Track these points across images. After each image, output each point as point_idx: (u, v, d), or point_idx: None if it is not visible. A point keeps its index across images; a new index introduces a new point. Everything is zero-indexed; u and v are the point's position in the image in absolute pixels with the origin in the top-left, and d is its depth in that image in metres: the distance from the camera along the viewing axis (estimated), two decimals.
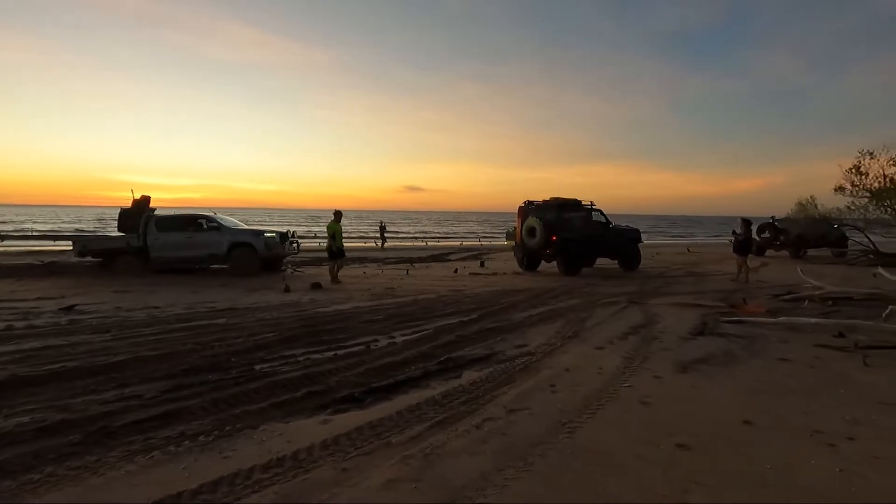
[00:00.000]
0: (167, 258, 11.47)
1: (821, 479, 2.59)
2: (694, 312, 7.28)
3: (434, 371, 4.40)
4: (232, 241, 11.54)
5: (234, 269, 11.43)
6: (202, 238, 11.57)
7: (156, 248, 11.38)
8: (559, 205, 12.58)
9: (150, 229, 11.43)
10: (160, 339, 5.46)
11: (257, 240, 11.65)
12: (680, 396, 3.84)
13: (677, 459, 2.81)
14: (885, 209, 16.07)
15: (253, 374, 4.22)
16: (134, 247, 11.38)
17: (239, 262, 11.43)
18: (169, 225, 11.65)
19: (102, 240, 12.41)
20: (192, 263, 11.78)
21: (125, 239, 11.49)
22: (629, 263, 13.18)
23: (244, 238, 11.71)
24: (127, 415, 3.34)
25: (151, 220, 11.57)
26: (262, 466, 2.65)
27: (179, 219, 11.95)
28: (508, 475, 2.59)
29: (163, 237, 11.45)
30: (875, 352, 4.96)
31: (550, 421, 3.31)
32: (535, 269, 13.09)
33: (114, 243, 11.72)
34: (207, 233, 11.63)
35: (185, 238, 11.53)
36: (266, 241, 11.67)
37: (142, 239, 11.38)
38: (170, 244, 11.45)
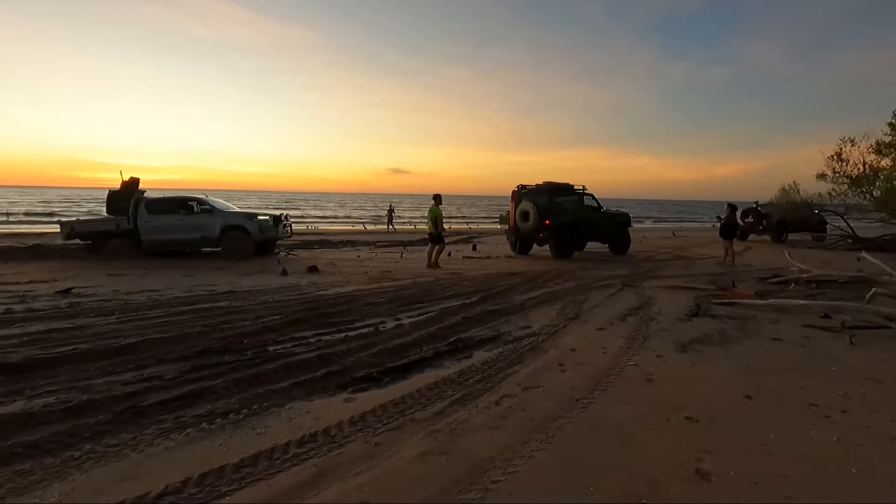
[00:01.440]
0: (158, 241, 11.31)
1: (821, 447, 2.80)
2: (686, 295, 7.52)
3: (445, 351, 4.53)
4: (225, 224, 11.43)
5: (227, 252, 11.32)
6: (194, 221, 11.41)
7: (146, 231, 11.20)
8: (551, 189, 12.62)
9: (141, 211, 11.19)
10: (167, 321, 5.48)
11: (251, 223, 11.59)
12: (682, 374, 4.04)
13: (687, 431, 2.99)
14: (864, 195, 16.58)
15: (268, 356, 4.29)
16: (124, 229, 11.16)
17: (232, 245, 11.36)
18: (159, 207, 11.46)
19: (91, 222, 12.10)
20: (184, 246, 11.62)
21: (114, 221, 11.27)
22: (619, 247, 13.48)
23: (237, 221, 11.62)
24: (151, 395, 3.40)
25: (141, 202, 11.34)
26: (296, 442, 2.75)
27: (170, 201, 11.76)
28: (533, 447, 2.74)
29: (154, 220, 11.26)
30: (860, 332, 5.24)
31: (564, 397, 3.47)
32: (527, 253, 13.27)
33: (103, 226, 11.45)
34: (199, 215, 11.47)
35: (177, 221, 11.38)
36: (260, 223, 11.61)
37: (132, 221, 11.20)
38: (161, 227, 11.29)
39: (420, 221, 30.22)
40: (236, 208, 12.99)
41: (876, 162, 16.16)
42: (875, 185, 16.19)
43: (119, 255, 11.02)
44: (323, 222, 34.31)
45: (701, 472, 2.51)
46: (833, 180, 17.14)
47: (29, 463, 2.52)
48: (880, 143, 15.44)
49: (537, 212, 11.93)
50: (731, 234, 11.76)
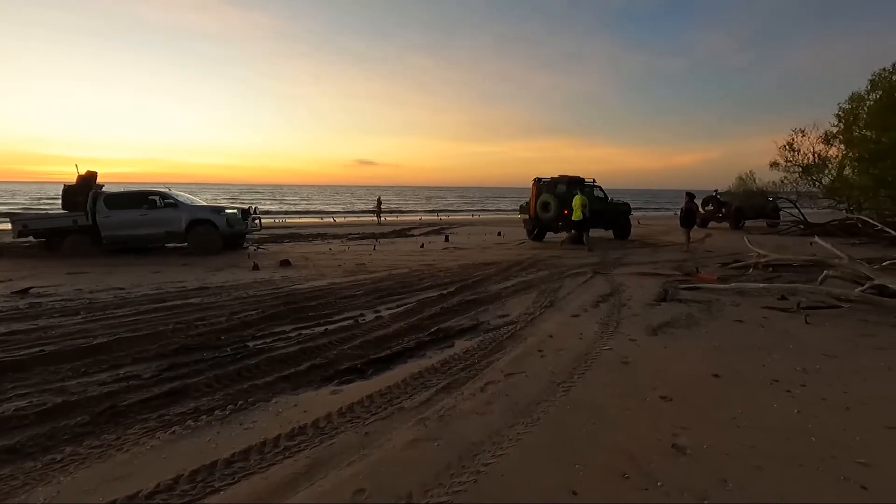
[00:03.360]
0: (119, 237, 10.94)
1: (783, 419, 3.01)
2: (654, 281, 7.82)
3: (427, 341, 4.59)
4: (191, 219, 11.14)
5: (195, 247, 11.06)
6: (158, 215, 11.06)
7: (107, 227, 10.82)
8: (568, 182, 13.80)
9: (100, 207, 10.80)
10: (137, 319, 5.33)
11: (218, 216, 11.31)
12: (655, 356, 4.23)
13: (662, 409, 3.16)
14: (814, 183, 17.52)
15: (249, 351, 4.25)
16: (82, 225, 10.74)
17: (199, 240, 11.08)
18: (120, 202, 11.06)
19: (46, 218, 11.37)
20: (148, 242, 11.28)
21: (71, 217, 10.80)
22: (622, 233, 14.73)
23: (204, 215, 11.31)
24: (130, 394, 3.33)
25: (100, 196, 10.94)
26: (286, 435, 2.76)
27: (131, 195, 11.32)
28: (519, 430, 2.84)
29: (114, 215, 10.87)
30: (814, 312, 5.60)
31: (545, 382, 3.59)
32: (542, 240, 14.37)
33: (59, 222, 10.94)
34: (163, 210, 11.12)
35: (139, 216, 10.99)
36: (228, 217, 11.36)
37: (90, 217, 10.75)
38: (122, 222, 10.90)
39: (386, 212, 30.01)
40: (202, 202, 12.63)
41: (824, 151, 17.09)
42: (824, 174, 17.12)
43: (78, 252, 10.59)
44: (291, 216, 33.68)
45: (677, 446, 2.67)
46: (785, 169, 18.06)
47: (8, 468, 2.44)
48: (828, 133, 16.32)
49: (557, 202, 13.17)
50: (691, 221, 12.27)
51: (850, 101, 13.82)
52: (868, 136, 13.15)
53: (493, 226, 21.69)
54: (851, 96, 13.78)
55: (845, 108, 13.99)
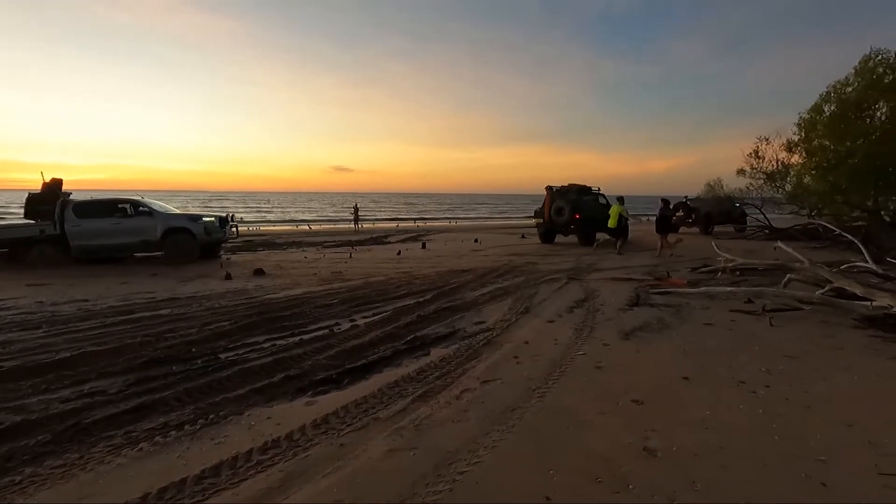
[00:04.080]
0: (90, 246, 10.54)
1: (749, 419, 3.11)
2: (626, 286, 7.98)
3: (403, 350, 4.58)
4: (167, 227, 10.89)
5: (171, 256, 10.83)
6: (132, 224, 10.76)
7: (76, 236, 10.41)
8: (578, 190, 15.33)
9: (68, 215, 10.39)
10: (102, 332, 5.15)
11: (195, 225, 11.09)
12: (627, 360, 4.32)
13: (634, 412, 3.23)
14: (777, 189, 18.14)
15: (220, 363, 4.16)
16: (49, 235, 10.31)
17: (176, 249, 10.85)
18: (90, 211, 10.69)
19: (8, 228, 10.84)
20: (121, 252, 10.94)
21: (38, 227, 10.35)
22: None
23: (180, 223, 11.09)
24: (95, 411, 3.22)
25: (68, 205, 10.51)
26: (259, 448, 2.72)
27: (102, 203, 11.00)
28: (495, 437, 2.86)
29: (84, 224, 10.48)
30: (778, 314, 5.81)
31: (521, 388, 3.63)
32: (552, 242, 15.85)
33: (23, 232, 10.44)
34: (137, 218, 10.85)
35: (112, 224, 10.66)
36: (205, 225, 11.15)
37: (58, 226, 10.35)
38: (93, 231, 10.51)
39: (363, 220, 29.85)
40: (175, 210, 12.34)
41: (787, 159, 17.73)
42: (787, 180, 17.75)
43: (44, 263, 10.18)
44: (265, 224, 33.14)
45: (648, 449, 2.73)
46: (751, 176, 18.63)
47: None
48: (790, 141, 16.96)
49: (570, 208, 14.58)
50: (666, 227, 12.56)
51: (809, 111, 14.43)
52: (825, 145, 13.75)
53: (470, 232, 21.80)
54: (810, 107, 14.40)
55: (805, 118, 14.61)
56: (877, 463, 2.57)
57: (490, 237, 18.82)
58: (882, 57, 12.56)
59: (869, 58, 12.76)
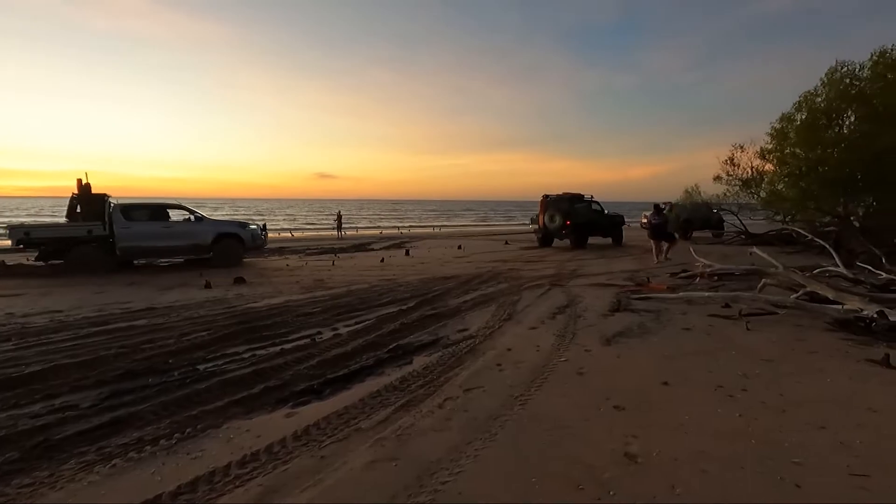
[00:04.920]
0: (138, 248, 10.74)
1: (726, 423, 3.16)
2: (608, 291, 8.08)
3: (386, 359, 4.55)
4: (218, 232, 11.34)
5: (219, 260, 11.26)
6: (183, 228, 11.12)
7: (125, 238, 10.47)
8: (570, 198, 16.67)
9: (116, 217, 10.44)
10: (76, 344, 5.01)
11: (244, 231, 11.69)
12: (609, 366, 4.36)
13: (615, 418, 3.25)
14: (753, 195, 18.62)
15: (199, 375, 4.08)
16: (97, 236, 10.29)
17: (225, 254, 11.33)
18: (140, 214, 10.89)
19: (53, 227, 10.79)
20: (169, 255, 11.32)
21: (86, 227, 10.30)
22: (616, 240, 17.42)
23: (231, 229, 11.64)
24: (67, 426, 3.12)
25: (116, 207, 10.61)
26: (237, 462, 2.66)
27: (151, 207, 11.24)
28: (477, 446, 2.86)
29: (134, 226, 10.61)
30: (754, 318, 5.94)
31: (504, 396, 3.63)
32: (550, 245, 16.91)
33: (70, 232, 10.35)
34: (188, 223, 11.26)
35: (162, 228, 10.90)
36: (251, 232, 11.76)
37: (107, 227, 10.36)
38: (143, 234, 10.66)
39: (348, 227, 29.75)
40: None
41: (761, 166, 18.22)
42: (761, 187, 18.23)
43: (86, 264, 10.17)
44: None
45: (629, 454, 2.75)
46: (727, 182, 19.09)
47: None
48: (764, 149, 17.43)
49: (561, 215, 15.90)
50: (661, 234, 12.54)
51: (780, 120, 14.88)
52: (797, 153, 14.18)
53: (453, 239, 21.83)
54: (781, 116, 14.85)
55: (776, 127, 15.04)
56: (849, 464, 2.63)
57: (474, 244, 18.88)
58: (847, 68, 13.04)
59: (835, 69, 13.23)
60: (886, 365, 4.23)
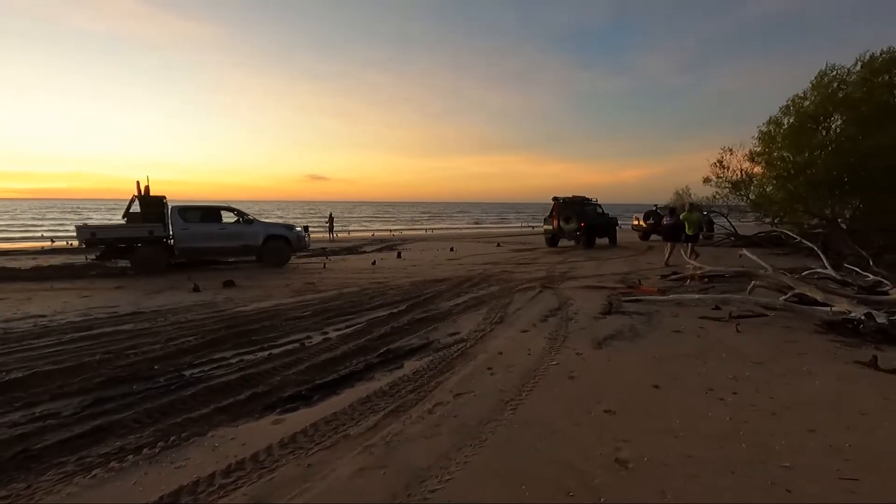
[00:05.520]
0: (195, 249, 11.26)
1: (717, 427, 3.15)
2: (599, 294, 8.08)
3: (376, 363, 4.50)
4: (268, 234, 11.86)
5: (268, 260, 11.92)
6: (236, 229, 11.62)
7: (183, 239, 11.02)
8: (581, 201, 17.81)
9: (175, 219, 10.95)
10: (59, 350, 4.91)
11: (291, 233, 12.27)
12: (600, 369, 4.34)
13: (606, 423, 3.23)
14: (742, 198, 18.78)
15: (184, 381, 4.01)
16: (157, 236, 10.82)
17: (273, 255, 11.92)
18: (196, 215, 11.38)
19: (118, 228, 11.09)
20: (222, 255, 11.79)
21: (147, 228, 10.78)
22: (612, 240, 18.78)
23: (280, 231, 12.17)
24: (47, 435, 3.05)
25: (174, 209, 11.11)
26: (222, 472, 2.61)
27: (206, 209, 11.70)
28: (467, 452, 2.82)
29: (191, 227, 11.14)
30: (744, 320, 5.96)
31: (494, 401, 3.60)
32: (556, 246, 17.79)
33: (133, 232, 10.81)
34: (241, 225, 11.75)
35: (217, 229, 11.44)
36: (297, 234, 12.38)
37: (167, 228, 10.91)
38: (199, 235, 11.19)
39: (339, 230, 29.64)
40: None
41: (750, 168, 18.38)
42: (750, 189, 18.39)
43: (148, 263, 10.73)
44: None
45: (620, 460, 2.73)
46: (716, 185, 19.23)
47: None
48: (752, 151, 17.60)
49: (577, 217, 16.94)
50: (678, 235, 12.15)
51: (769, 123, 15.02)
52: (785, 156, 14.31)
53: (446, 241, 21.80)
54: (769, 119, 14.99)
55: (764, 130, 15.18)
56: (838, 468, 2.63)
57: (466, 246, 18.87)
58: (836, 73, 13.20)
59: (824, 73, 13.38)
60: (875, 367, 4.25)
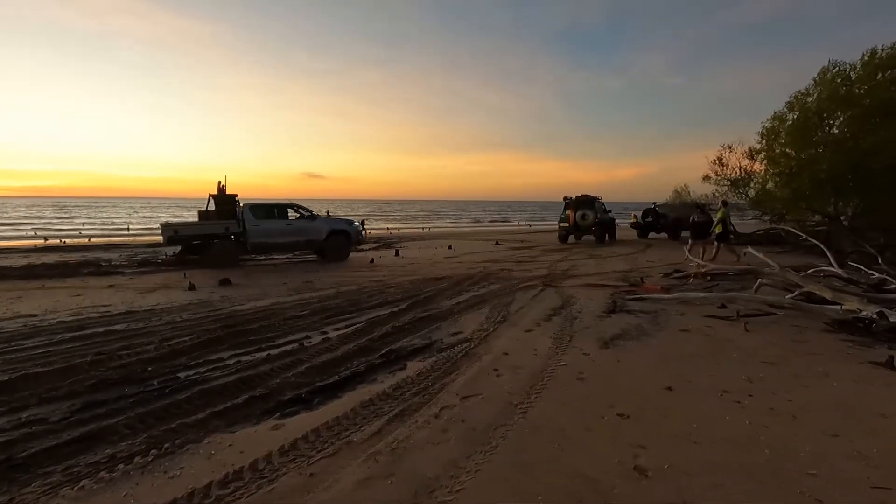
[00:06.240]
0: (265, 244, 11.82)
1: (736, 431, 3.03)
2: (602, 292, 7.96)
3: (378, 364, 4.36)
4: (331, 229, 12.41)
5: (330, 255, 12.45)
6: (302, 225, 12.16)
7: (255, 234, 11.59)
8: (593, 199, 18.63)
9: (247, 216, 11.55)
10: (49, 351, 4.74)
11: (352, 228, 12.86)
12: (609, 370, 4.21)
13: (620, 428, 3.10)
14: (741, 195, 18.73)
15: (179, 384, 3.85)
16: (233, 232, 11.46)
17: (335, 248, 12.49)
18: (266, 212, 11.92)
19: (197, 225, 11.79)
20: (289, 250, 12.41)
21: (223, 224, 11.46)
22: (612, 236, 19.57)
23: (341, 226, 12.72)
24: (33, 443, 2.89)
25: (246, 207, 11.74)
26: (219, 482, 2.46)
27: (275, 206, 12.20)
28: (477, 460, 2.68)
29: (262, 224, 11.70)
30: (752, 319, 5.85)
31: (502, 404, 3.46)
32: (566, 242, 18.70)
33: (211, 229, 11.50)
34: (306, 220, 12.26)
35: (285, 225, 11.97)
36: (356, 229, 12.96)
37: (241, 224, 11.48)
38: (269, 230, 11.75)
39: None
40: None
41: (749, 166, 18.34)
42: (749, 187, 18.35)
43: (223, 258, 11.24)
44: None
45: (639, 468, 2.60)
46: (716, 182, 19.19)
47: None
48: (752, 149, 17.53)
49: (592, 213, 18.02)
50: (704, 233, 11.92)
51: (772, 120, 14.93)
52: (788, 153, 14.23)
53: (443, 239, 21.64)
54: (773, 115, 14.89)
55: (767, 126, 15.09)
56: (868, 476, 2.51)
57: (464, 244, 18.72)
58: (839, 69, 13.10)
59: (827, 69, 13.29)
60: (891, 367, 4.15)
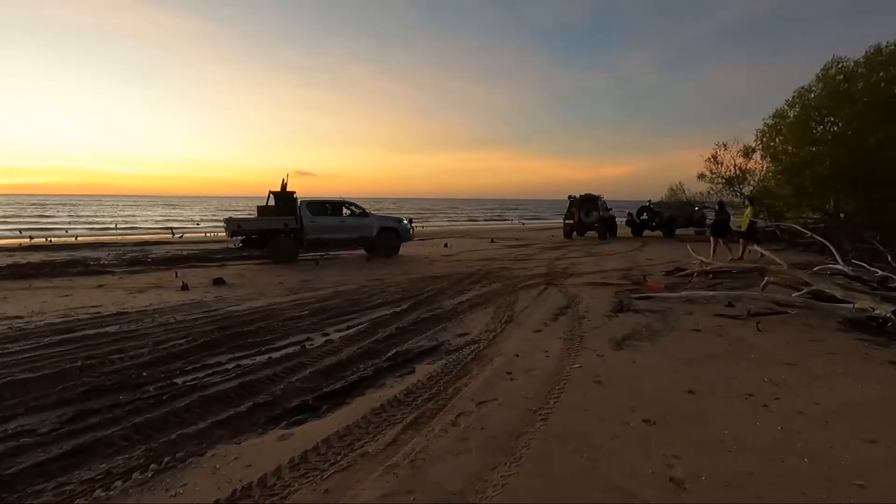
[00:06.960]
0: (320, 239, 12.24)
1: (769, 438, 2.89)
2: (606, 291, 7.83)
3: (385, 368, 4.18)
4: (381, 226, 12.87)
5: (381, 251, 12.87)
6: (354, 222, 12.60)
7: (311, 230, 12.06)
8: (595, 198, 19.52)
9: (304, 212, 11.98)
10: (37, 356, 4.50)
11: (401, 225, 13.35)
12: (626, 372, 4.07)
13: (648, 435, 2.95)
14: (736, 193, 18.75)
15: (177, 390, 3.64)
16: (291, 228, 11.86)
17: (386, 245, 12.89)
18: (321, 209, 12.41)
19: (259, 221, 12.09)
20: (342, 245, 12.80)
21: (282, 220, 11.81)
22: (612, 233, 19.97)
23: (391, 224, 13.20)
24: (21, 457, 2.67)
25: (303, 203, 12.15)
26: (226, 500, 2.26)
27: (330, 203, 12.70)
28: (503, 472, 2.51)
29: (318, 220, 12.16)
30: (763, 318, 5.74)
31: (521, 410, 3.30)
32: (571, 238, 19.59)
33: (271, 224, 11.84)
34: (358, 217, 12.69)
35: (338, 222, 12.45)
36: (405, 226, 13.43)
37: (299, 221, 11.90)
38: (324, 227, 12.23)
39: None
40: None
41: (744, 164, 18.35)
42: (744, 184, 18.37)
43: (282, 252, 11.76)
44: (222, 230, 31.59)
45: (675, 479, 2.45)
46: (710, 180, 19.19)
47: None
48: (747, 147, 17.54)
49: (596, 211, 19.14)
50: (724, 230, 11.81)
51: (773, 116, 14.90)
52: (789, 150, 14.21)
53: (438, 238, 21.45)
54: (775, 112, 14.87)
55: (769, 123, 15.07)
56: None
57: (459, 242, 18.55)
58: (842, 65, 13.05)
59: (830, 65, 13.24)
60: None
